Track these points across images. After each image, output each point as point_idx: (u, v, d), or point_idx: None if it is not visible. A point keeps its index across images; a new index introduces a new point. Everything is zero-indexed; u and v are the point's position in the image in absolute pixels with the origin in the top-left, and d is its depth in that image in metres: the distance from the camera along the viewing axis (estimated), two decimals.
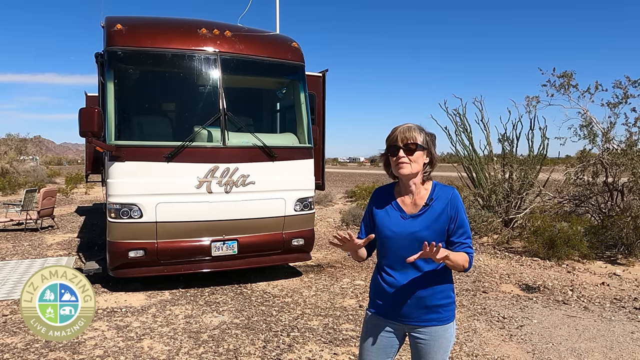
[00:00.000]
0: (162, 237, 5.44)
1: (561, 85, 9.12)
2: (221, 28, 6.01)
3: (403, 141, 2.04)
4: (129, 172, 5.35)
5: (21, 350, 4.00)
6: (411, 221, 2.08)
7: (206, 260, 5.69)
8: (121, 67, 5.67)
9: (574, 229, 7.90)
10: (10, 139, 27.59)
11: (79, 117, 5.15)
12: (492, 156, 10.54)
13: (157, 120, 6.56)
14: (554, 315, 5.08)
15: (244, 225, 5.78)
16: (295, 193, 6.07)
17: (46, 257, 7.51)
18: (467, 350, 4.12)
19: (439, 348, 2.09)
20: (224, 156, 5.63)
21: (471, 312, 5.14)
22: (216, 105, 5.70)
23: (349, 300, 5.52)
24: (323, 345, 4.19)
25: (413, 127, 2.08)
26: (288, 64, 6.37)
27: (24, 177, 23.16)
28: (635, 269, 7.08)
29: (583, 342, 4.34)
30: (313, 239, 6.49)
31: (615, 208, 8.50)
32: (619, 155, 8.33)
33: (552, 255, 7.51)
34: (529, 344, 4.28)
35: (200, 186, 5.51)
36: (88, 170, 11.52)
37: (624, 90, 8.57)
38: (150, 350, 4.02)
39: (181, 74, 5.96)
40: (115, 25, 5.59)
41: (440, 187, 2.12)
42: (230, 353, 3.99)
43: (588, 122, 8.88)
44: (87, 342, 4.16)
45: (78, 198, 17.93)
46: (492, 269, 7.04)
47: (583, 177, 8.94)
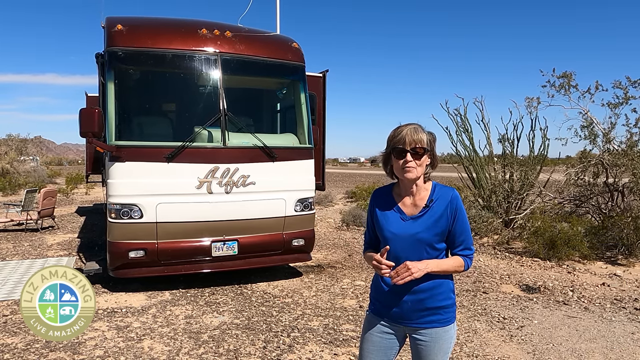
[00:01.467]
0: (162, 237, 5.44)
1: (561, 86, 9.12)
2: (221, 28, 6.01)
3: (411, 144, 1.98)
4: (129, 172, 5.35)
5: (21, 350, 4.00)
6: (411, 223, 2.06)
7: (206, 260, 5.69)
8: (121, 68, 5.67)
9: (575, 230, 7.90)
10: (11, 140, 27.60)
11: (79, 117, 5.15)
12: (493, 156, 10.54)
13: (158, 120, 6.56)
14: (554, 316, 5.07)
15: (245, 225, 5.78)
16: (295, 193, 6.07)
17: (46, 258, 7.51)
18: (468, 351, 4.12)
19: (440, 349, 2.09)
20: (224, 156, 5.63)
21: (471, 313, 5.14)
22: (216, 106, 5.70)
23: (349, 300, 5.52)
24: (323, 345, 4.19)
25: (419, 128, 2.01)
26: (288, 65, 6.37)
27: (24, 178, 23.17)
28: (635, 270, 7.07)
29: (583, 343, 4.33)
30: (313, 239, 6.49)
31: (615, 209, 8.50)
32: (620, 156, 8.32)
33: (553, 255, 7.51)
34: (529, 345, 4.28)
35: (201, 186, 5.51)
36: (88, 171, 11.52)
37: (624, 91, 8.57)
38: (150, 351, 4.02)
39: (181, 75, 5.96)
40: (116, 26, 5.59)
41: (440, 188, 2.10)
42: (231, 353, 3.99)
43: (589, 123, 8.88)
44: (88, 343, 4.16)
45: (78, 198, 17.94)
46: (492, 270, 7.04)
47: (583, 177, 8.93)
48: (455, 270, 2.08)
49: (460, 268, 2.08)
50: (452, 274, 2.11)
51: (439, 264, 2.03)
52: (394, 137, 2.03)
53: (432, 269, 1.99)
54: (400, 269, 1.95)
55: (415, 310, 2.06)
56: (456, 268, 2.06)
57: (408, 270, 1.94)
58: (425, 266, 1.97)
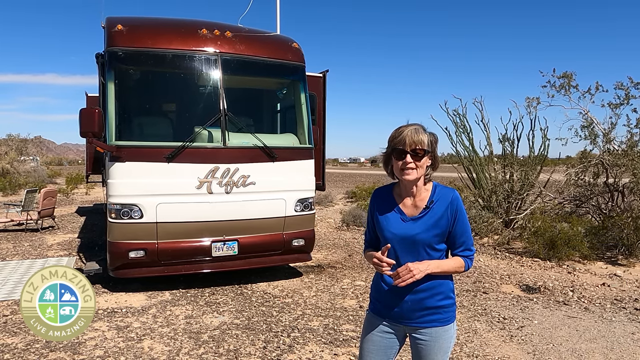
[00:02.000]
0: (162, 237, 5.44)
1: (561, 86, 9.12)
2: (222, 28, 6.01)
3: (411, 146, 1.97)
4: (129, 172, 5.35)
5: (21, 350, 4.00)
6: (411, 224, 2.06)
7: (206, 260, 5.69)
8: (122, 68, 5.67)
9: (575, 230, 7.90)
10: (11, 140, 27.61)
11: (79, 117, 5.15)
12: (493, 157, 10.54)
13: (158, 120, 6.56)
14: (554, 316, 5.07)
15: (245, 225, 5.78)
16: (295, 193, 6.07)
17: (47, 258, 7.51)
18: (468, 351, 4.12)
19: (440, 349, 2.09)
20: (224, 157, 5.63)
21: (472, 313, 5.14)
22: (216, 106, 5.70)
23: (349, 300, 5.52)
24: (323, 345, 4.19)
25: (420, 129, 2.00)
26: (288, 65, 6.37)
27: (24, 178, 23.18)
28: (635, 270, 7.07)
29: (583, 343, 4.33)
30: (313, 239, 6.49)
31: (615, 209, 8.50)
32: (620, 156, 8.33)
33: (553, 255, 7.51)
34: (529, 345, 4.28)
35: (201, 187, 5.51)
36: (88, 171, 11.52)
37: (625, 92, 8.56)
38: (150, 351, 4.02)
39: (182, 75, 5.96)
40: (116, 26, 5.60)
41: (441, 189, 2.10)
42: (231, 353, 3.99)
43: (589, 123, 8.88)
44: (88, 343, 4.16)
45: (78, 198, 17.94)
46: (492, 270, 7.04)
47: (584, 177, 8.94)
48: (456, 271, 2.08)
49: (461, 269, 2.08)
50: (452, 274, 2.11)
51: (440, 264, 2.03)
52: (394, 137, 2.02)
53: (433, 269, 2.00)
54: (401, 270, 1.96)
55: (415, 310, 2.06)
56: (457, 269, 2.07)
57: (410, 272, 1.95)
58: (426, 267, 1.98)
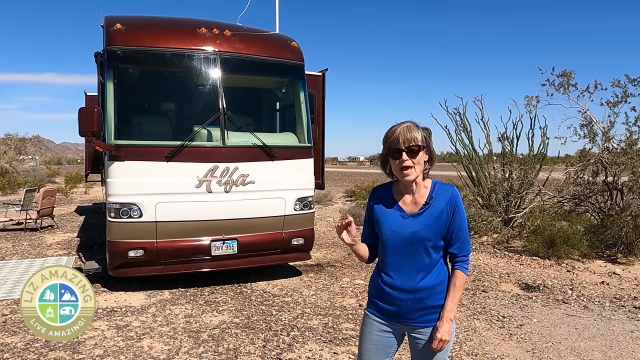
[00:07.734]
0: (161, 236, 5.43)
1: (560, 85, 9.11)
2: (221, 27, 6.01)
3: (405, 143, 1.97)
4: (128, 171, 5.34)
5: (21, 350, 4.00)
6: (411, 220, 2.06)
7: (206, 259, 5.69)
8: (120, 67, 5.66)
9: (574, 228, 7.91)
10: (10, 139, 27.52)
11: (78, 116, 5.15)
12: (492, 155, 10.54)
13: (157, 119, 6.56)
14: (553, 314, 5.08)
15: (244, 224, 5.78)
16: (295, 192, 6.07)
17: (46, 257, 7.51)
18: (467, 350, 4.13)
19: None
20: (223, 156, 5.63)
21: (471, 312, 5.14)
22: (216, 105, 5.69)
23: (348, 299, 5.53)
24: (323, 344, 4.19)
25: (412, 126, 2.01)
26: (287, 63, 6.36)
27: (23, 177, 23.15)
28: (634, 268, 7.08)
29: (583, 341, 4.34)
30: (313, 238, 6.49)
31: (615, 207, 8.50)
32: (619, 155, 8.32)
33: (552, 254, 7.52)
34: (528, 343, 4.29)
35: (200, 186, 5.51)
36: (88, 170, 11.52)
37: (623, 89, 8.55)
38: (150, 350, 4.02)
39: (181, 74, 5.96)
40: (115, 25, 5.59)
41: (440, 185, 2.10)
42: (230, 352, 3.99)
43: (588, 122, 8.87)
44: (87, 342, 4.16)
45: (78, 197, 17.92)
46: (491, 268, 7.05)
47: (583, 176, 8.94)
48: (462, 287, 2.11)
49: (465, 281, 2.11)
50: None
51: (454, 301, 2.06)
52: (388, 137, 2.03)
53: (453, 315, 2.05)
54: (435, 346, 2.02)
55: (415, 309, 2.07)
56: (463, 286, 2.10)
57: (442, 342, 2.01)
58: (449, 324, 2.02)
